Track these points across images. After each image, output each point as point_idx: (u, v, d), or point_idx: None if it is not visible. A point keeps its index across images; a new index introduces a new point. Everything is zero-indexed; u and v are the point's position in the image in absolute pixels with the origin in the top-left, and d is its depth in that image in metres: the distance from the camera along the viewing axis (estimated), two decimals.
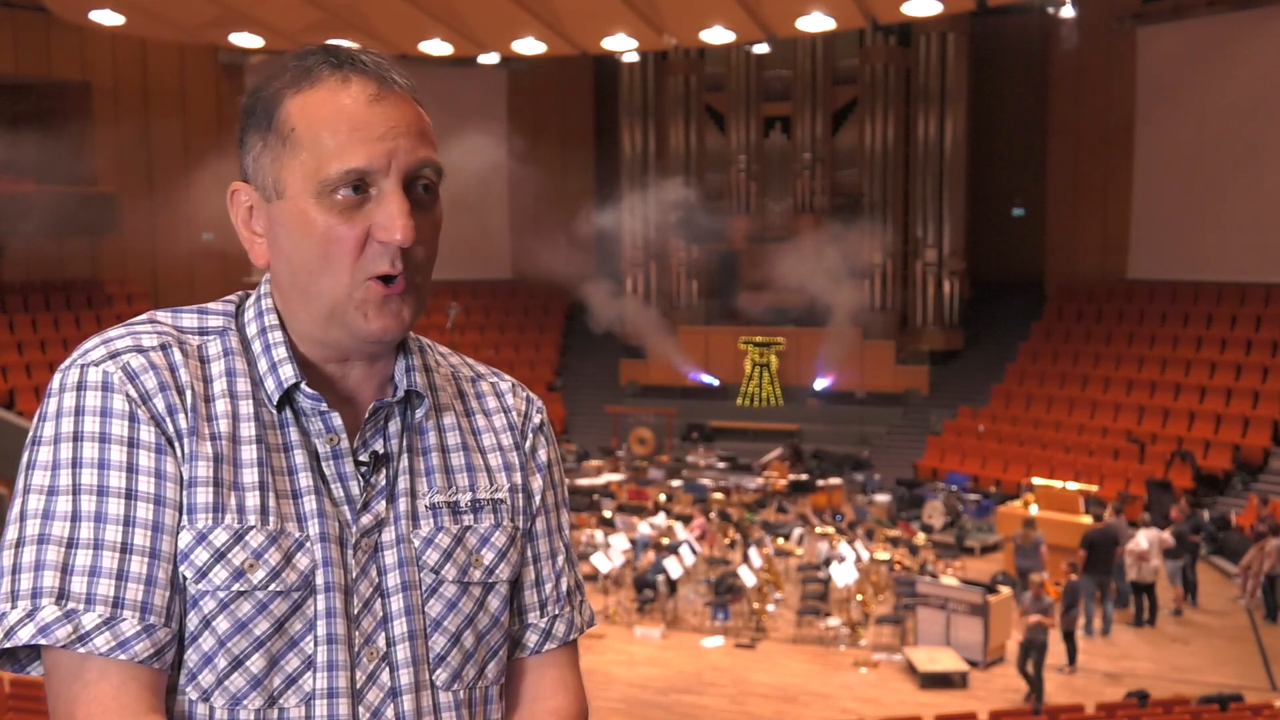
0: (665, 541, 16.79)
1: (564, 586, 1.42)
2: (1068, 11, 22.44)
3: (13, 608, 1.12)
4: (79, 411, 1.17)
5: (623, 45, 24.01)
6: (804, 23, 21.91)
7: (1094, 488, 19.17)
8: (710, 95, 28.45)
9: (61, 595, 1.12)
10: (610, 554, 16.01)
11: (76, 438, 1.16)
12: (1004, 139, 28.27)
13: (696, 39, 23.74)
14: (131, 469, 1.16)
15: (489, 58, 25.91)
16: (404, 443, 1.30)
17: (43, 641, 1.11)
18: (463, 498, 1.32)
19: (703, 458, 24.68)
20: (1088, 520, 15.99)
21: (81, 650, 1.12)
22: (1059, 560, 14.75)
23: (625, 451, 25.54)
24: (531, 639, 1.40)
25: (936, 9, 21.02)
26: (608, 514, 19.39)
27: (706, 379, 28.02)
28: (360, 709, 1.22)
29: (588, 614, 1.47)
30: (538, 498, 1.39)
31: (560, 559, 1.42)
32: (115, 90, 24.85)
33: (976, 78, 27.33)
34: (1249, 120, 23.27)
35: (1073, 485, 18.05)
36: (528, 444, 1.41)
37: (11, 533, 1.15)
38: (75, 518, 1.14)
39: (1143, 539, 14.79)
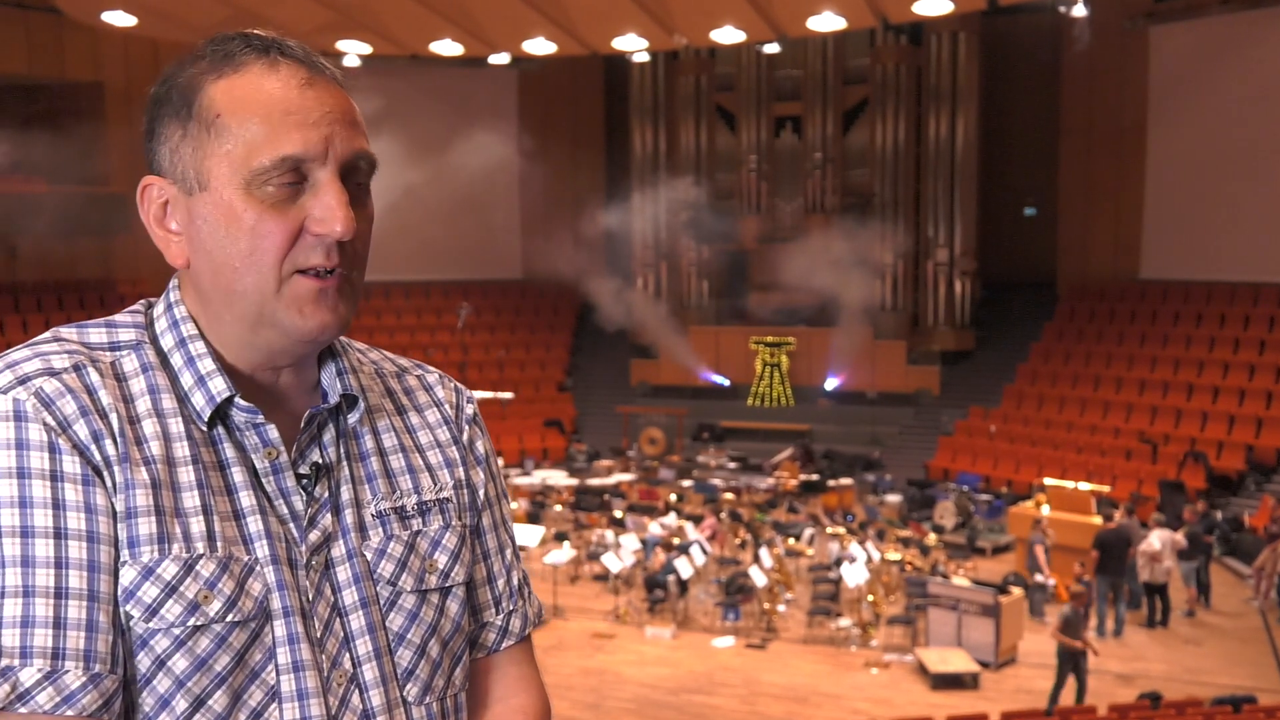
0: (676, 541, 16.79)
1: (515, 581, 1.37)
2: (1079, 11, 22.34)
3: None
4: None
5: (633, 45, 24.01)
6: (815, 22, 21.89)
7: (1106, 488, 19.10)
8: (721, 95, 28.43)
9: None
10: (621, 554, 16.01)
11: None
12: (1016, 138, 28.19)
13: (707, 39, 23.74)
14: (57, 505, 1.05)
15: (499, 58, 25.93)
16: (341, 450, 1.23)
17: None
18: (408, 501, 1.25)
19: (713, 458, 24.66)
20: (1099, 521, 15.93)
21: (23, 710, 1.01)
22: (1070, 561, 14.70)
23: (636, 451, 25.54)
24: (490, 637, 1.35)
25: (948, 8, 20.97)
26: (618, 514, 19.39)
27: (717, 379, 28.00)
28: None
29: (537, 606, 1.42)
30: (481, 492, 1.34)
31: (508, 552, 1.37)
32: (127, 91, 24.92)
33: (988, 77, 27.26)
34: (1262, 119, 23.15)
35: (1085, 486, 17.98)
36: (465, 436, 1.35)
37: None
38: None
39: (1155, 540, 14.73)
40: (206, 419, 1.14)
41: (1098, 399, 23.75)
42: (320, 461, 1.21)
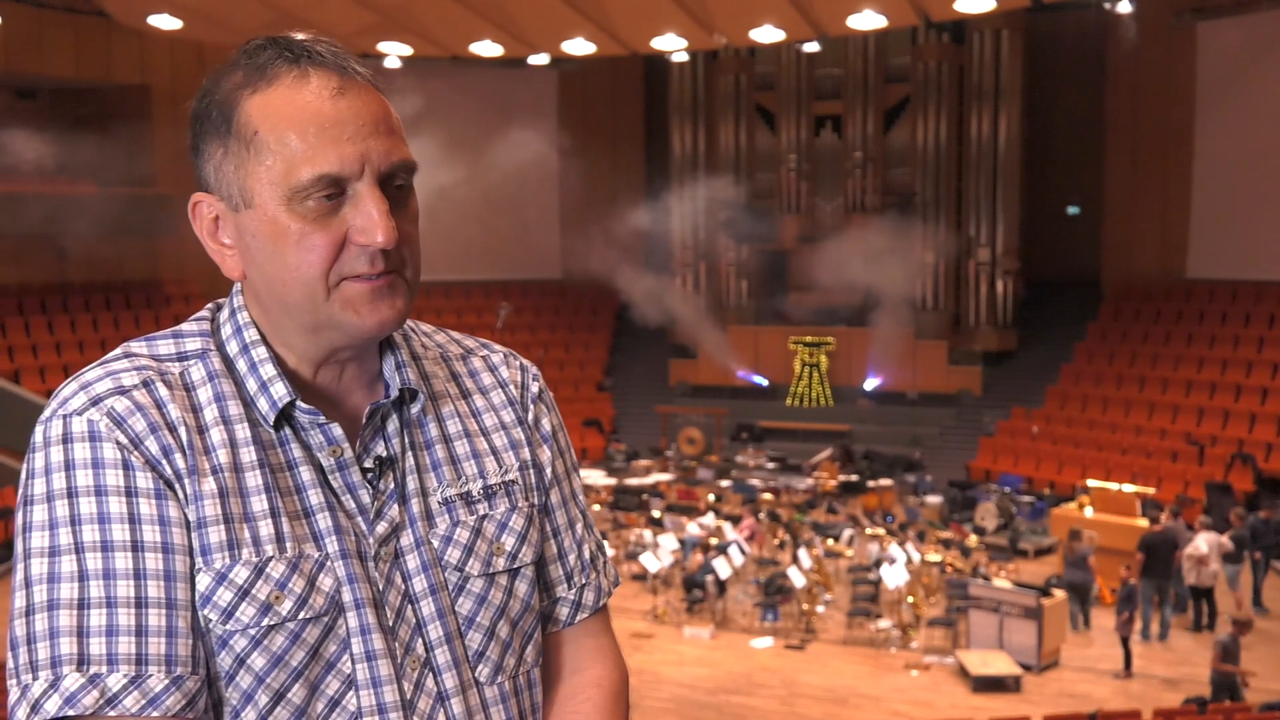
0: (714, 542, 16.76)
1: (586, 554, 1.40)
2: (1125, 7, 22.08)
3: (35, 680, 1.07)
4: (69, 466, 1.11)
5: (673, 45, 23.99)
6: (855, 21, 21.74)
7: (1151, 490, 18.85)
8: (760, 94, 28.33)
9: (82, 661, 1.07)
10: (659, 554, 16.01)
11: (71, 494, 1.10)
12: (1060, 137, 27.88)
13: (747, 38, 23.66)
14: (134, 519, 1.11)
15: (539, 58, 26.00)
16: (405, 440, 1.26)
17: (70, 712, 1.07)
18: (474, 486, 1.29)
19: (752, 458, 24.60)
20: (1144, 523, 15.73)
21: (111, 713, 1.08)
22: (1115, 565, 14.51)
23: (674, 451, 25.53)
24: (563, 612, 1.39)
25: (990, 5, 20.77)
26: (656, 514, 19.38)
27: (756, 379, 27.93)
28: (414, 719, 1.20)
29: (612, 575, 1.45)
30: (548, 470, 1.36)
31: (579, 527, 1.40)
32: (173, 93, 25.26)
33: (1032, 75, 26.98)
34: None
35: (1129, 488, 17.76)
36: (530, 415, 1.37)
37: (20, 601, 1.10)
38: (83, 577, 1.09)
39: (1201, 543, 14.50)
40: (271, 423, 1.19)
41: (1143, 399, 23.45)
42: (384, 454, 1.24)
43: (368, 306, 1.16)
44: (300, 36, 1.19)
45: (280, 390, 1.19)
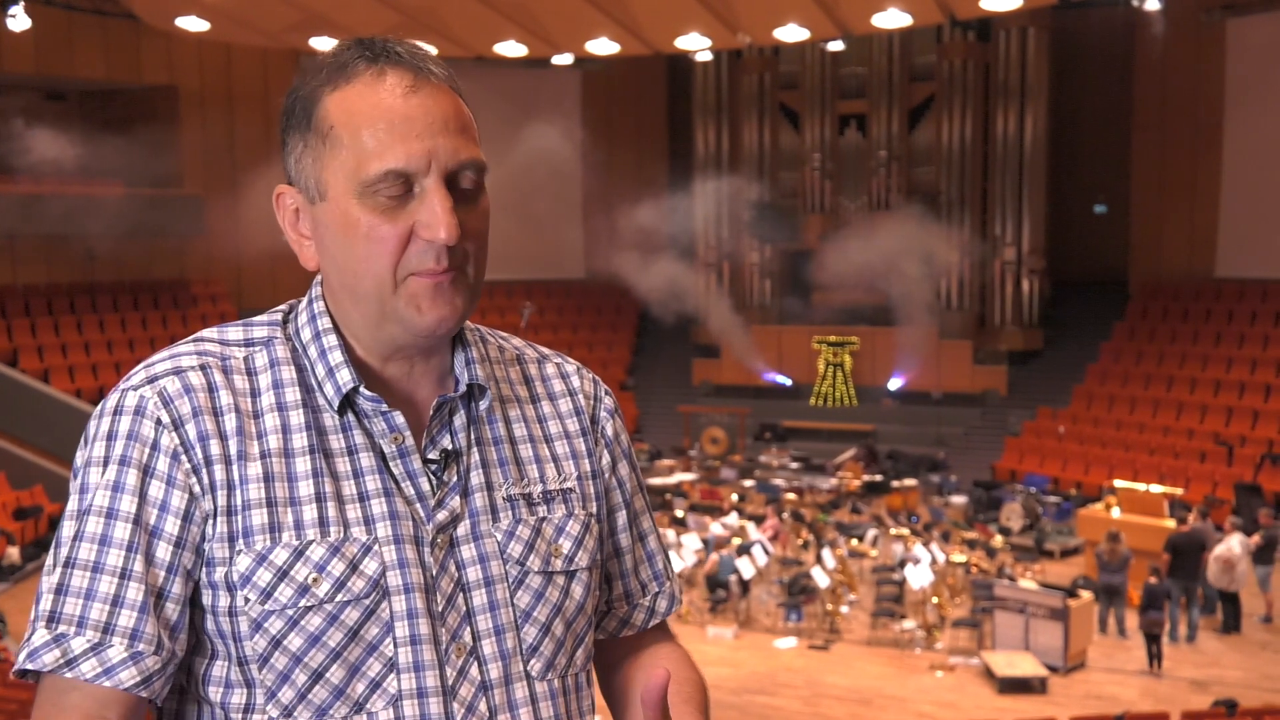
0: (738, 541, 16.74)
1: (659, 565, 1.46)
2: (1153, 4, 21.90)
3: (32, 632, 1.14)
4: (109, 436, 1.17)
5: (696, 44, 23.98)
6: (880, 19, 21.67)
7: (1179, 491, 18.69)
8: (784, 93, 28.27)
9: (53, 619, 1.13)
10: (682, 553, 16.01)
11: (104, 462, 1.17)
12: (1086, 135, 27.67)
13: (771, 37, 23.63)
14: (142, 496, 1.16)
15: (563, 58, 26.05)
16: (471, 436, 1.29)
17: (30, 666, 1.12)
18: (534, 489, 1.31)
19: (776, 458, 24.55)
20: (1172, 524, 15.59)
21: (68, 675, 1.12)
22: (1143, 566, 14.39)
23: (698, 451, 25.51)
24: (639, 618, 1.44)
25: (1017, 3, 20.67)
26: (680, 513, 19.38)
27: (780, 379, 27.87)
28: (455, 705, 1.21)
29: (679, 588, 1.50)
30: (615, 480, 1.41)
31: (653, 539, 1.46)
32: (201, 94, 25.45)
33: (1058, 72, 26.80)
34: None
35: (1157, 488, 17.61)
36: (599, 430, 1.41)
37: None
38: (78, 538, 1.15)
39: (1236, 544, 14.27)
40: (335, 408, 1.22)
41: (1171, 399, 23.26)
42: (450, 447, 1.27)
43: (429, 302, 1.19)
44: (386, 39, 1.23)
45: (345, 376, 1.22)
